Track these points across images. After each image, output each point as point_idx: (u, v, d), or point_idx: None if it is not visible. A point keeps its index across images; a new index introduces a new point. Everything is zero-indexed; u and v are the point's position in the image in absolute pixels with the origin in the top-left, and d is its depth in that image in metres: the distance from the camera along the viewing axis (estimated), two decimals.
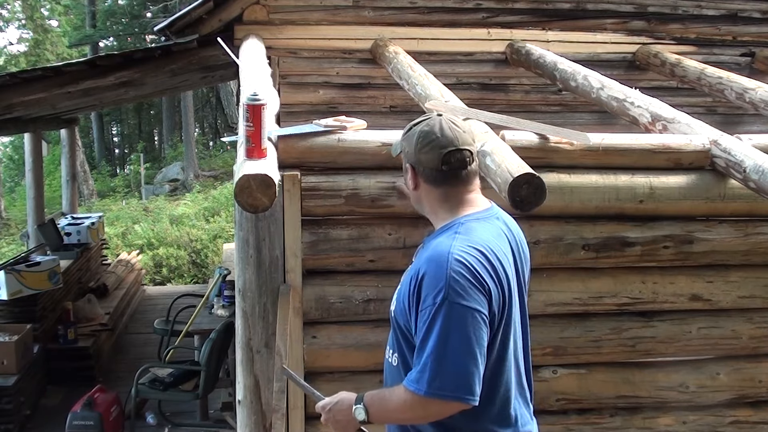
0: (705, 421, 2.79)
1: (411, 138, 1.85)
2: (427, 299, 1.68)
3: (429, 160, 1.81)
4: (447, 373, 1.64)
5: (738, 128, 4.52)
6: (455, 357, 1.64)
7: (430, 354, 1.64)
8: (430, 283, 1.68)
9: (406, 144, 1.87)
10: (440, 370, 1.64)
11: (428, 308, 1.67)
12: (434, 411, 1.70)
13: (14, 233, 13.94)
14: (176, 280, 10.42)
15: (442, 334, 1.64)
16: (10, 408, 4.81)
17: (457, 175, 1.82)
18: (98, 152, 23.55)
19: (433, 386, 1.64)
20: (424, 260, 1.74)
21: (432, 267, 1.70)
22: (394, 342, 1.87)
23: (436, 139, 1.80)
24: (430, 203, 1.87)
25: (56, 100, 5.36)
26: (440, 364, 1.64)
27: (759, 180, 2.41)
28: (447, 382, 1.64)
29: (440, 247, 1.73)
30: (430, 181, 1.84)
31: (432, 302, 1.66)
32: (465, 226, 1.77)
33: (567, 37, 4.85)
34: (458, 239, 1.73)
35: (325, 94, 4.75)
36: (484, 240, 1.75)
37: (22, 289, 5.50)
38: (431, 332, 1.65)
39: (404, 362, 1.82)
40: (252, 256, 2.45)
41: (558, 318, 2.66)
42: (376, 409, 1.78)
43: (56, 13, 18.00)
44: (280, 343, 2.39)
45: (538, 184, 2.12)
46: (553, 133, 2.62)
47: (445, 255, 1.69)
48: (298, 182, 2.44)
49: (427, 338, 1.66)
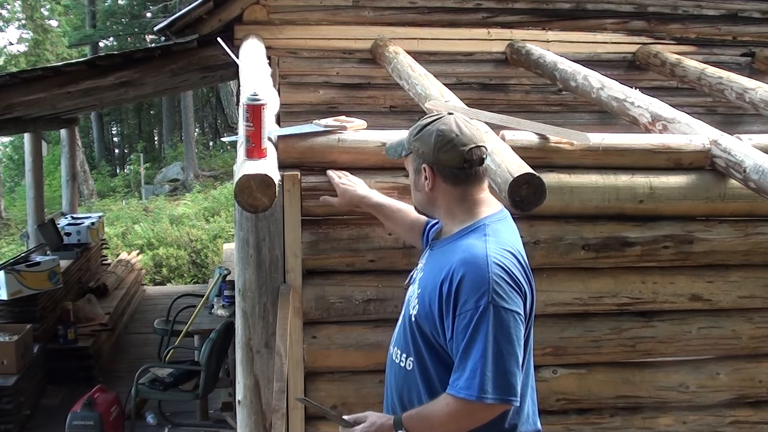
0: (705, 421, 2.79)
1: (427, 138, 1.82)
2: (467, 303, 1.67)
3: (450, 159, 1.79)
4: (497, 377, 1.64)
5: (738, 128, 4.52)
6: (503, 361, 1.65)
7: (479, 359, 1.64)
8: (471, 286, 1.67)
9: (420, 144, 1.84)
10: (491, 375, 1.64)
11: (469, 312, 1.66)
12: (482, 416, 1.70)
13: (14, 233, 13.94)
14: (176, 280, 10.42)
15: (490, 338, 1.64)
16: (10, 408, 4.82)
17: (476, 172, 1.83)
18: (98, 152, 23.56)
19: (485, 390, 1.64)
20: (458, 263, 1.71)
21: (471, 270, 1.68)
22: (411, 347, 1.84)
23: (457, 137, 1.79)
24: (447, 203, 1.85)
25: (56, 100, 5.36)
26: (490, 368, 1.64)
27: (759, 180, 2.41)
28: (498, 386, 1.64)
29: (475, 249, 1.71)
30: (450, 180, 1.82)
31: (474, 306, 1.65)
32: (491, 228, 1.78)
33: (567, 37, 4.85)
34: (491, 242, 1.73)
35: (325, 94, 4.75)
36: (511, 242, 1.78)
37: (22, 289, 5.50)
38: (477, 337, 1.65)
39: (423, 368, 1.80)
40: (252, 256, 2.45)
41: (558, 318, 2.65)
42: (418, 428, 1.75)
43: (56, 13, 18.00)
44: (280, 343, 2.39)
45: (538, 184, 2.12)
46: (553, 133, 2.62)
47: (483, 258, 1.69)
48: (298, 182, 2.44)
49: (473, 343, 1.65)
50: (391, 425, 1.76)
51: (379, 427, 1.78)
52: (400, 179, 2.48)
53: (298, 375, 2.50)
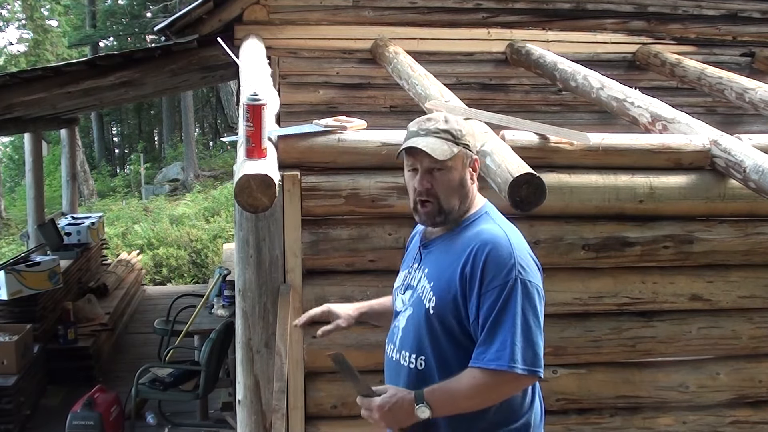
0: (705, 421, 2.79)
1: (472, 132, 1.89)
2: (495, 279, 1.70)
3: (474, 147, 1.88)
4: (526, 349, 1.69)
5: (738, 128, 4.52)
6: (531, 332, 1.70)
7: (509, 331, 1.68)
8: (498, 263, 1.71)
9: (472, 141, 1.87)
10: (520, 346, 1.68)
11: (498, 288, 1.70)
12: (509, 388, 1.73)
13: (14, 233, 13.93)
14: (176, 280, 10.42)
15: (519, 310, 1.69)
16: (10, 408, 4.81)
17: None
18: (98, 152, 23.56)
19: (515, 360, 1.67)
20: (479, 243, 1.74)
21: (495, 248, 1.72)
22: (427, 344, 1.83)
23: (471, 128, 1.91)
24: (472, 195, 1.88)
25: (56, 100, 5.36)
26: (520, 340, 1.68)
27: (759, 180, 2.41)
28: (527, 356, 1.69)
29: (493, 231, 1.77)
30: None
31: (503, 281, 1.70)
32: (493, 215, 1.85)
33: (567, 37, 4.85)
34: (503, 225, 1.80)
35: (325, 94, 4.75)
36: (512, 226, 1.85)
37: (22, 289, 5.50)
38: (507, 310, 1.69)
39: (443, 364, 1.80)
40: (252, 256, 2.45)
41: (558, 318, 2.65)
42: (440, 402, 1.74)
43: (56, 13, 17.99)
44: (280, 343, 2.39)
45: (538, 184, 2.12)
46: (553, 133, 2.62)
47: (504, 237, 1.74)
48: (298, 182, 2.44)
49: (502, 316, 1.69)
50: (412, 399, 1.75)
51: (400, 399, 1.76)
52: (400, 179, 2.48)
53: (298, 375, 2.50)
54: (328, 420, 2.55)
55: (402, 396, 1.77)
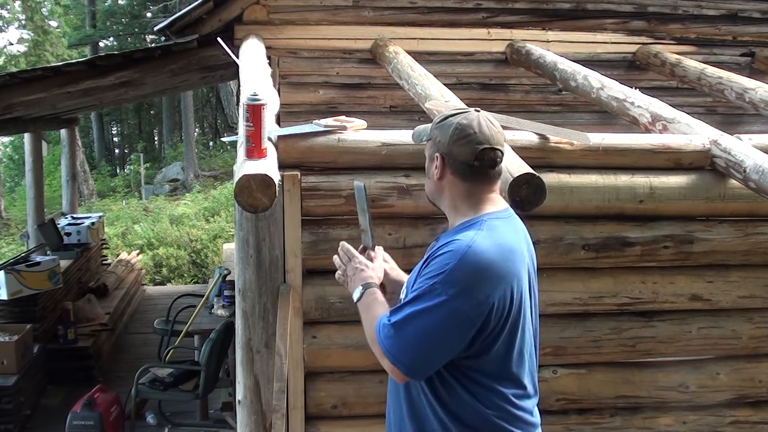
0: (705, 421, 2.79)
1: (446, 128, 1.84)
2: (428, 273, 1.73)
3: (462, 153, 1.81)
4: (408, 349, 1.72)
5: (738, 128, 4.53)
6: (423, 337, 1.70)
7: (409, 321, 1.71)
8: (439, 263, 1.72)
9: (439, 133, 1.85)
10: (407, 341, 1.71)
11: (425, 282, 1.72)
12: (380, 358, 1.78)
13: (14, 233, 13.93)
14: (176, 280, 10.42)
15: (422, 311, 1.70)
16: (10, 408, 4.81)
17: (486, 173, 1.83)
18: (98, 152, 23.56)
19: (392, 353, 1.73)
20: (442, 244, 1.77)
21: (448, 251, 1.72)
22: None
23: (474, 134, 1.80)
24: (452, 196, 1.87)
25: (56, 100, 5.35)
26: (411, 336, 1.71)
27: (759, 180, 2.41)
28: (406, 356, 1.72)
29: (462, 238, 1.75)
30: (459, 174, 1.83)
31: (430, 279, 1.71)
32: (488, 224, 1.79)
33: (567, 37, 4.85)
34: (481, 235, 1.75)
35: (325, 94, 4.75)
36: (504, 238, 1.78)
37: (22, 289, 5.50)
38: (415, 302, 1.71)
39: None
40: (252, 256, 2.45)
41: (558, 318, 2.65)
42: (364, 307, 1.88)
43: (56, 14, 18.00)
44: (280, 343, 2.39)
45: (538, 184, 2.12)
46: (553, 133, 2.62)
47: (463, 246, 1.71)
48: (298, 182, 2.44)
49: (409, 304, 1.72)
50: (364, 281, 1.91)
51: (354, 276, 1.94)
52: (400, 179, 2.48)
53: (298, 375, 2.50)
54: (328, 420, 2.55)
55: (365, 273, 1.93)
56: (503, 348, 1.78)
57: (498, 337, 1.76)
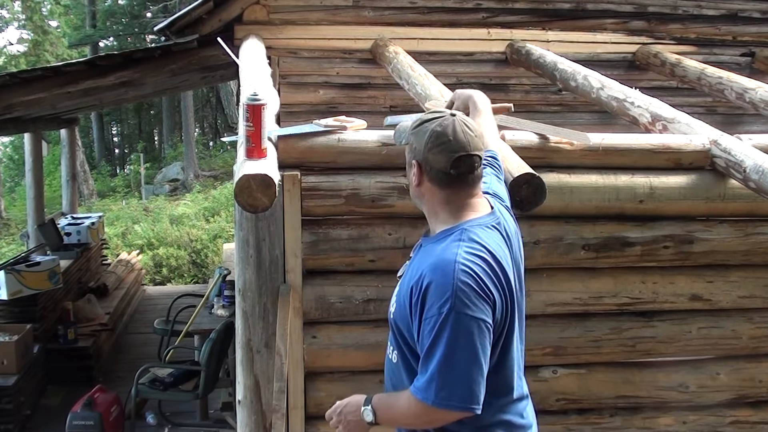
0: (705, 421, 2.79)
1: (421, 135, 1.79)
2: (432, 308, 1.66)
3: (437, 162, 1.77)
4: (454, 385, 1.64)
5: (738, 128, 4.53)
6: (462, 368, 1.64)
7: (437, 364, 1.64)
8: (436, 292, 1.66)
9: (414, 139, 1.82)
10: (447, 381, 1.64)
11: (434, 317, 1.65)
12: (439, 419, 1.71)
13: (14, 233, 13.93)
14: (176, 280, 10.42)
15: (450, 344, 1.63)
16: (10, 408, 4.81)
17: (464, 179, 1.79)
18: (98, 152, 23.56)
19: (441, 396, 1.64)
20: (428, 268, 1.71)
21: (438, 276, 1.67)
22: (394, 341, 1.87)
23: (448, 142, 1.75)
24: (431, 203, 1.85)
25: (56, 100, 5.36)
26: (448, 375, 1.63)
27: (759, 180, 2.41)
28: (454, 392, 1.64)
29: (445, 254, 1.70)
30: (436, 181, 1.80)
31: (438, 312, 1.64)
32: (468, 233, 1.75)
33: (567, 37, 4.85)
34: (462, 247, 1.70)
35: (325, 94, 4.75)
36: (488, 247, 1.74)
37: (22, 289, 5.50)
38: (438, 342, 1.64)
39: (404, 362, 1.82)
40: (252, 256, 2.45)
41: (558, 318, 2.65)
42: (383, 411, 1.78)
43: (56, 14, 18.00)
44: (280, 343, 2.39)
45: (538, 184, 2.12)
46: (553, 133, 2.62)
47: (451, 264, 1.67)
48: (298, 182, 2.44)
49: (434, 348, 1.65)
50: (362, 401, 1.80)
51: (350, 401, 1.84)
52: (400, 179, 2.48)
53: (298, 375, 2.50)
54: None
55: (353, 399, 1.84)
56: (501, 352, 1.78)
57: (497, 343, 1.76)
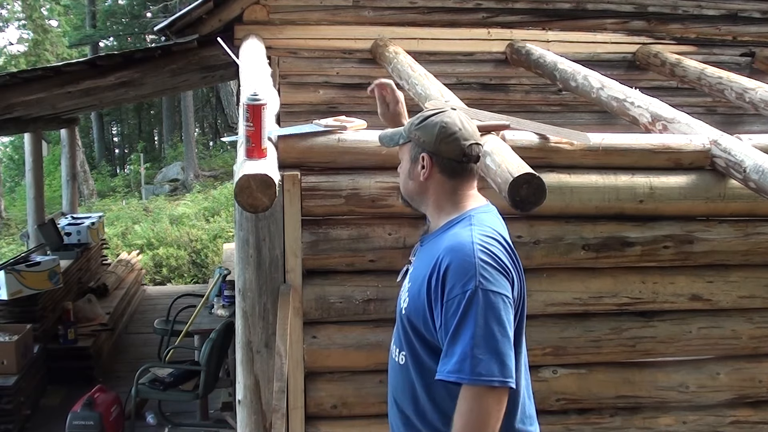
0: (705, 421, 2.79)
1: (431, 128, 1.86)
2: (454, 289, 1.67)
3: (450, 151, 1.84)
4: (489, 360, 1.63)
5: (738, 128, 4.53)
6: (494, 343, 1.64)
7: (469, 341, 1.63)
8: (458, 272, 1.68)
9: (422, 133, 1.87)
10: (482, 357, 1.63)
11: (457, 297, 1.66)
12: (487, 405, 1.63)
13: (14, 233, 13.94)
14: (176, 280, 10.42)
15: (479, 321, 1.64)
16: (10, 408, 4.81)
17: (471, 168, 1.88)
18: (98, 152, 23.57)
19: (477, 372, 1.62)
20: (444, 251, 1.73)
21: (457, 256, 1.70)
22: (403, 341, 1.86)
23: (459, 131, 1.84)
24: (437, 195, 1.88)
25: (56, 100, 5.36)
26: (481, 350, 1.63)
27: (759, 180, 2.41)
28: (491, 367, 1.62)
29: (460, 237, 1.74)
30: (447, 172, 1.86)
31: (462, 291, 1.66)
32: (477, 218, 1.81)
33: (567, 37, 4.85)
34: (475, 229, 1.75)
35: (325, 94, 4.75)
36: (497, 230, 1.80)
37: (22, 289, 5.50)
38: (466, 321, 1.64)
39: (415, 361, 1.81)
40: (252, 256, 2.45)
41: (558, 318, 2.65)
42: None
43: (56, 13, 18.00)
44: (280, 343, 2.39)
45: (538, 184, 2.12)
46: (553, 133, 2.62)
47: (469, 244, 1.71)
48: (298, 182, 2.44)
49: (462, 327, 1.65)
50: None
51: None
52: None
53: (298, 375, 2.50)
54: (328, 420, 2.55)
55: None
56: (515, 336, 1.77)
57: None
